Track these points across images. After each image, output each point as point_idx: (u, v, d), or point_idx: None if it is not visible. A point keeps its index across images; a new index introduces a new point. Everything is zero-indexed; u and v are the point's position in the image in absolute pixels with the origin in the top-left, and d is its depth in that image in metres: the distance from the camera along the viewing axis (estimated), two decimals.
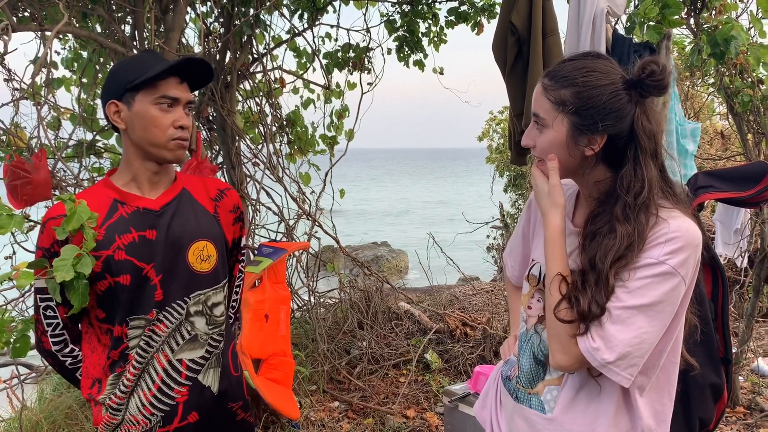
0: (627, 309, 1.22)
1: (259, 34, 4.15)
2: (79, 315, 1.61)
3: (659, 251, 1.22)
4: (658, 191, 1.28)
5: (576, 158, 1.31)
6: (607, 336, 1.21)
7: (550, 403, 1.38)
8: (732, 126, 4.38)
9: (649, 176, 1.26)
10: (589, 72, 1.27)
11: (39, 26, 2.90)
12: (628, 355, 1.21)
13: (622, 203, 1.26)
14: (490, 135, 10.70)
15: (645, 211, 1.25)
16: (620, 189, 1.27)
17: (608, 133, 1.26)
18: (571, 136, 1.28)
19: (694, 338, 1.40)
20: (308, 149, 4.51)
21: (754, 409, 3.92)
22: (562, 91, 1.28)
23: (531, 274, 1.48)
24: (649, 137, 1.27)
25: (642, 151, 1.26)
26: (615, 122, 1.26)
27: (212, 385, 1.68)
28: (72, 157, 3.46)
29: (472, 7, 4.78)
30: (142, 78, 1.53)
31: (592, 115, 1.25)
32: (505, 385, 1.52)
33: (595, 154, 1.29)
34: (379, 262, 12.39)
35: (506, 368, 1.54)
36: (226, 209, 1.75)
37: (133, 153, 1.60)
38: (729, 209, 4.13)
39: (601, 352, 1.21)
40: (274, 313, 3.14)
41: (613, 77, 1.27)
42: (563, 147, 1.30)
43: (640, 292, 1.22)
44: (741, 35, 2.99)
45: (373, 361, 4.54)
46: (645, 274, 1.22)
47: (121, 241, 1.55)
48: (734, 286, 5.09)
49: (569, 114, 1.27)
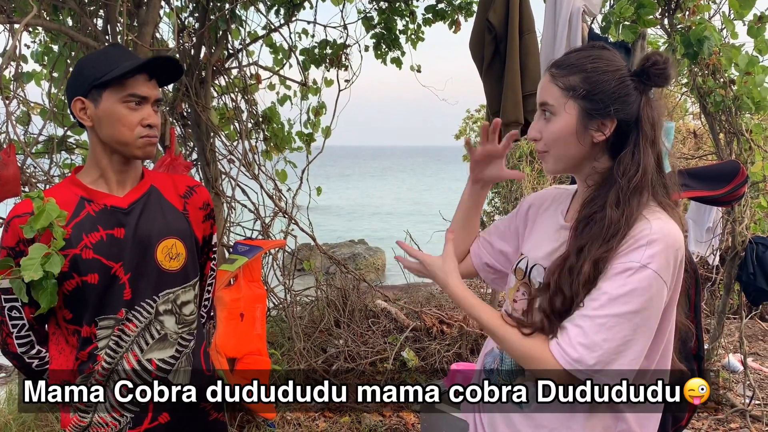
0: (612, 317, 1.21)
1: (234, 30, 4.10)
2: (46, 316, 1.58)
3: (641, 254, 1.21)
4: (652, 180, 1.29)
5: (585, 146, 1.31)
6: (591, 344, 1.21)
7: (523, 399, 1.38)
8: (704, 125, 4.44)
9: (645, 162, 1.27)
10: (597, 59, 1.31)
11: (7, 18, 2.83)
12: (611, 362, 1.20)
13: (617, 188, 1.27)
14: (467, 133, 10.73)
15: (638, 196, 1.26)
16: (617, 172, 1.28)
17: (618, 117, 1.28)
18: (581, 122, 1.30)
19: None
20: (284, 146, 4.47)
21: (725, 404, 3.99)
22: (571, 77, 1.30)
23: (518, 268, 1.48)
24: (651, 125, 1.29)
25: (643, 137, 1.28)
26: (624, 107, 1.28)
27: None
28: (42, 153, 3.39)
29: (449, 5, 4.77)
30: (110, 76, 1.49)
31: (602, 99, 1.28)
32: (489, 377, 1.51)
33: (604, 141, 1.30)
34: (356, 259, 12.36)
35: (489, 360, 1.52)
36: (196, 206, 1.72)
37: (100, 150, 1.57)
38: (701, 207, 4.20)
39: (585, 359, 1.21)
40: (249, 312, 3.11)
41: (619, 65, 1.30)
42: (573, 134, 1.30)
43: (624, 299, 1.21)
44: (714, 36, 3.03)
45: (349, 360, 4.53)
46: (628, 280, 1.21)
47: (89, 239, 1.52)
48: (706, 283, 5.17)
49: (579, 99, 1.29)
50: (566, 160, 1.34)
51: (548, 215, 1.50)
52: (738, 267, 3.73)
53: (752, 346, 5.30)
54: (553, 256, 1.36)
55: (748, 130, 3.71)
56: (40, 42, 4.00)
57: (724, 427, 3.73)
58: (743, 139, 3.71)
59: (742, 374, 4.28)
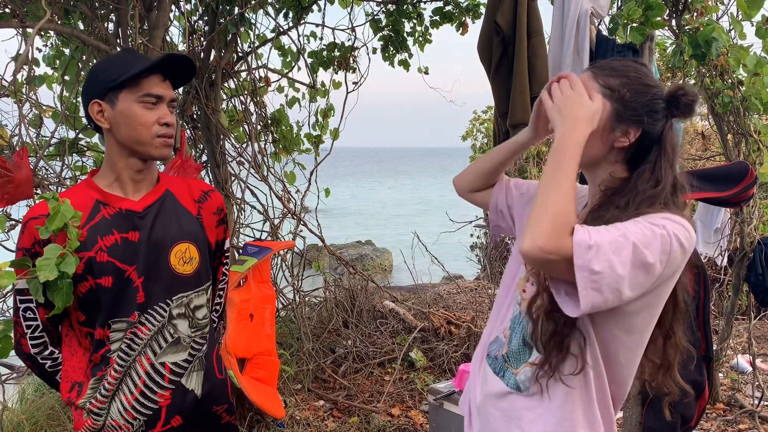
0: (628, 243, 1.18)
1: (243, 33, 4.13)
2: (60, 317, 1.60)
3: (662, 223, 1.22)
4: (666, 198, 1.30)
5: (606, 146, 1.35)
6: (601, 246, 1.17)
7: (524, 383, 1.40)
8: (712, 126, 4.44)
9: (665, 180, 1.31)
10: (639, 71, 1.36)
11: (20, 23, 2.86)
12: (603, 277, 1.16)
13: (631, 196, 1.30)
14: (474, 134, 10.74)
15: (650, 206, 1.28)
16: (632, 185, 1.31)
17: (644, 128, 1.32)
18: (610, 122, 1.33)
19: None
20: (293, 148, 4.50)
21: (734, 405, 3.98)
22: (612, 79, 1.34)
23: None
24: (673, 148, 1.34)
25: (665, 157, 1.32)
26: (652, 121, 1.32)
27: (196, 389, 1.67)
28: (54, 156, 3.43)
29: (456, 7, 4.79)
30: (126, 76, 1.51)
31: (635, 107, 1.32)
32: (491, 363, 1.52)
33: (624, 148, 1.34)
34: (364, 260, 12.39)
35: (494, 347, 1.54)
36: (210, 211, 1.74)
37: (117, 152, 1.58)
38: (709, 208, 4.19)
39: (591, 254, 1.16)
40: (259, 313, 3.13)
41: (657, 84, 1.36)
42: (598, 132, 1.32)
43: (645, 233, 1.19)
44: (722, 37, 3.03)
45: (358, 360, 4.55)
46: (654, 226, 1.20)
47: (104, 242, 1.54)
48: (714, 284, 5.16)
49: (614, 100, 1.33)
50: (584, 157, 1.33)
51: None
52: (746, 268, 3.73)
53: (761, 347, 5.28)
54: None
55: (757, 131, 3.70)
56: (51, 45, 4.05)
57: (733, 428, 3.72)
58: (751, 140, 3.71)
59: (750, 375, 4.27)
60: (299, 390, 4.13)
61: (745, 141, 3.72)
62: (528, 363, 1.41)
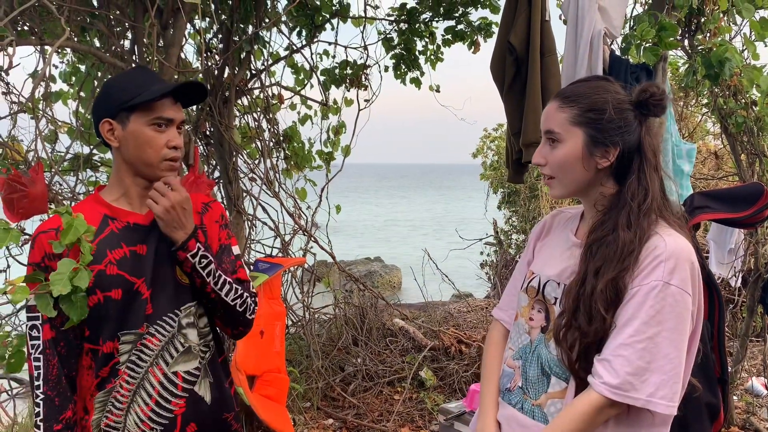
0: (649, 340, 1.26)
1: (257, 51, 4.17)
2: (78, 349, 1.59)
3: (661, 272, 1.28)
4: (659, 204, 1.36)
5: (590, 172, 1.39)
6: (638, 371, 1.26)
7: (553, 415, 1.38)
8: (725, 146, 4.42)
9: (653, 187, 1.36)
10: (601, 90, 1.39)
11: (39, 41, 2.90)
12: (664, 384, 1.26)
13: (627, 211, 1.34)
14: (485, 152, 10.74)
15: (647, 218, 1.33)
16: (625, 198, 1.36)
17: (620, 145, 1.36)
18: (586, 149, 1.37)
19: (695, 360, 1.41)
20: (305, 165, 4.52)
21: (749, 429, 3.92)
22: (577, 106, 1.38)
23: (530, 286, 1.51)
24: (653, 153, 1.38)
25: (647, 164, 1.37)
26: (626, 135, 1.36)
27: (205, 396, 1.68)
28: (68, 171, 3.46)
29: (468, 26, 4.81)
30: (139, 99, 1.54)
31: (607, 128, 1.36)
32: (504, 397, 1.51)
33: (608, 167, 1.38)
34: (373, 277, 12.33)
35: (504, 380, 1.53)
36: (212, 219, 1.76)
37: (124, 170, 1.62)
38: (723, 229, 4.16)
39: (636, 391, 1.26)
40: (269, 329, 3.13)
41: (622, 97, 1.39)
42: (578, 160, 1.38)
43: (657, 320, 1.27)
44: (735, 57, 3.02)
45: (367, 378, 4.52)
46: (656, 301, 1.27)
47: (113, 255, 1.56)
48: (728, 305, 5.11)
49: (585, 127, 1.37)
50: (572, 185, 1.42)
51: (557, 233, 1.56)
52: (761, 289, 3.69)
53: None
54: (566, 272, 1.42)
55: None
56: (67, 62, 4.10)
57: None
58: (765, 161, 3.69)
59: (765, 398, 4.21)
60: (308, 408, 4.11)
61: (759, 161, 3.70)
62: (548, 394, 1.41)
